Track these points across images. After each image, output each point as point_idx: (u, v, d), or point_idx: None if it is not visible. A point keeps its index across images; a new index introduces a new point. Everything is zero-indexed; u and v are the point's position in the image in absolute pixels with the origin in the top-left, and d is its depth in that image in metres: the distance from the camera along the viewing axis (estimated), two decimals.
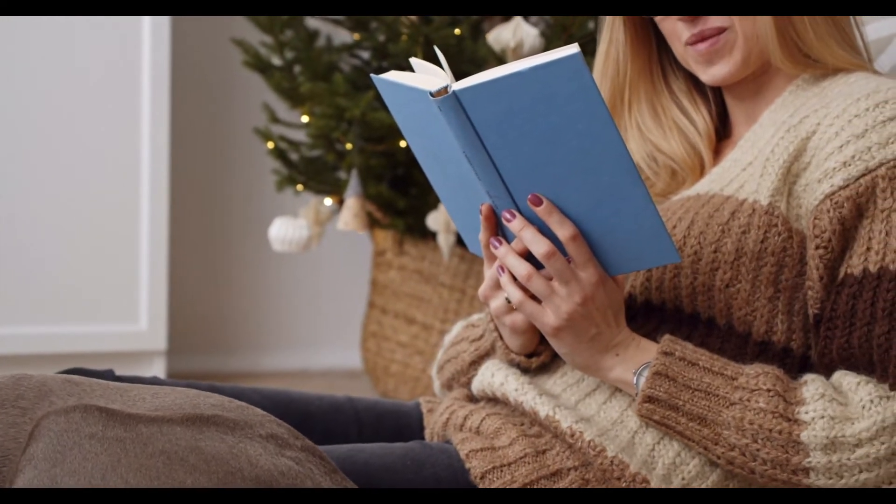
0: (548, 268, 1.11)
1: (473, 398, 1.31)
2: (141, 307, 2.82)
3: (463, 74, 1.13)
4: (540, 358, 1.25)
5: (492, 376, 1.25)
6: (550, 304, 1.12)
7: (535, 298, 1.14)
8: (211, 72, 3.25)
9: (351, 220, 2.57)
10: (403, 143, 2.61)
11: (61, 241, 2.76)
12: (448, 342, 1.41)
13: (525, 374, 1.24)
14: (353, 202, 2.58)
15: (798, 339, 1.17)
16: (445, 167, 1.15)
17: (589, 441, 1.14)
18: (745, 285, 1.16)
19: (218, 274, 3.31)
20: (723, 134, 1.35)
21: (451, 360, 1.37)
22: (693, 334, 1.18)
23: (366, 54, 2.85)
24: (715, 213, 1.18)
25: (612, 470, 1.13)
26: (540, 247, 1.10)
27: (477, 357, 1.33)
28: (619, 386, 1.16)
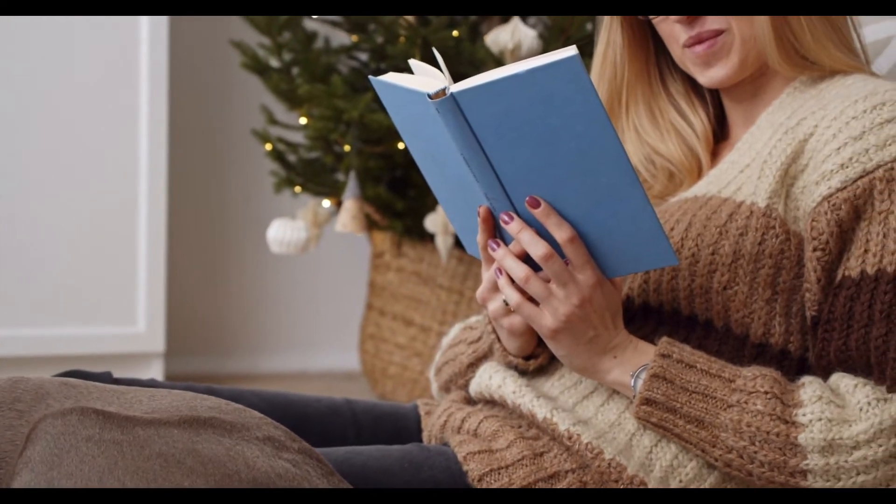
0: (546, 270, 1.11)
1: (471, 400, 1.31)
2: (139, 309, 2.82)
3: (461, 76, 1.13)
4: (538, 360, 1.25)
5: (489, 378, 1.25)
6: (548, 307, 1.12)
7: (533, 300, 1.14)
8: (209, 73, 3.25)
9: (349, 221, 2.57)
10: (402, 145, 2.60)
11: (59, 242, 2.76)
12: (446, 344, 1.41)
13: (523, 377, 1.24)
14: (351, 204, 2.58)
15: (796, 342, 1.17)
16: (443, 169, 1.15)
17: (587, 443, 1.14)
18: (743, 287, 1.16)
19: (216, 276, 3.31)
20: (720, 136, 1.35)
21: (449, 363, 1.37)
22: (691, 336, 1.18)
23: (364, 56, 2.85)
24: (712, 216, 1.18)
25: (609, 472, 1.13)
26: (538, 249, 1.10)
27: (475, 359, 1.33)
28: (616, 388, 1.16)
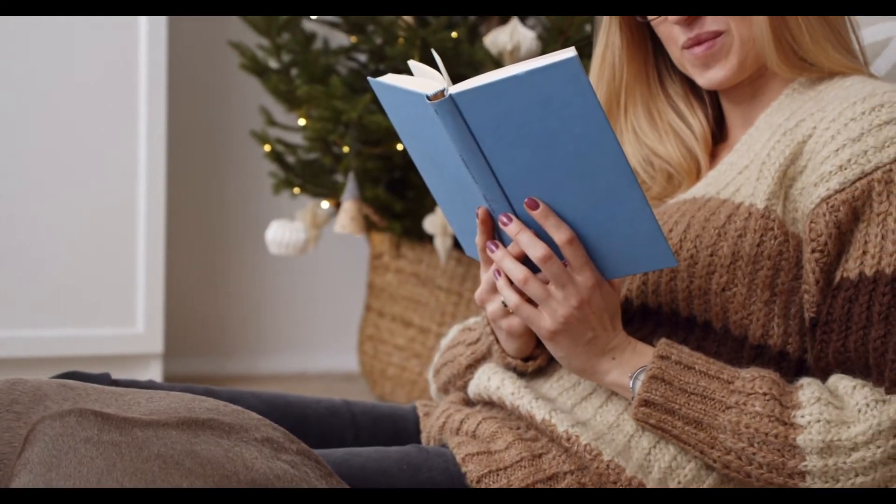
0: (544, 271, 1.11)
1: (470, 402, 1.31)
2: (138, 310, 2.82)
3: (460, 78, 1.13)
4: (536, 362, 1.25)
5: (488, 380, 1.25)
6: (547, 308, 1.12)
7: (532, 302, 1.14)
8: (208, 74, 3.25)
9: (348, 223, 2.57)
10: (400, 147, 2.61)
11: (58, 243, 2.75)
12: (444, 346, 1.41)
13: (521, 378, 1.24)
14: (349, 205, 2.58)
15: (794, 343, 1.17)
16: (442, 170, 1.15)
17: (585, 445, 1.14)
18: (742, 289, 1.16)
19: (215, 277, 3.30)
20: (719, 137, 1.35)
21: (448, 364, 1.37)
22: (689, 338, 1.18)
23: (363, 57, 2.85)
24: (711, 217, 1.18)
25: (608, 474, 1.13)
26: (536, 250, 1.10)
27: (473, 361, 1.33)
28: (615, 390, 1.16)
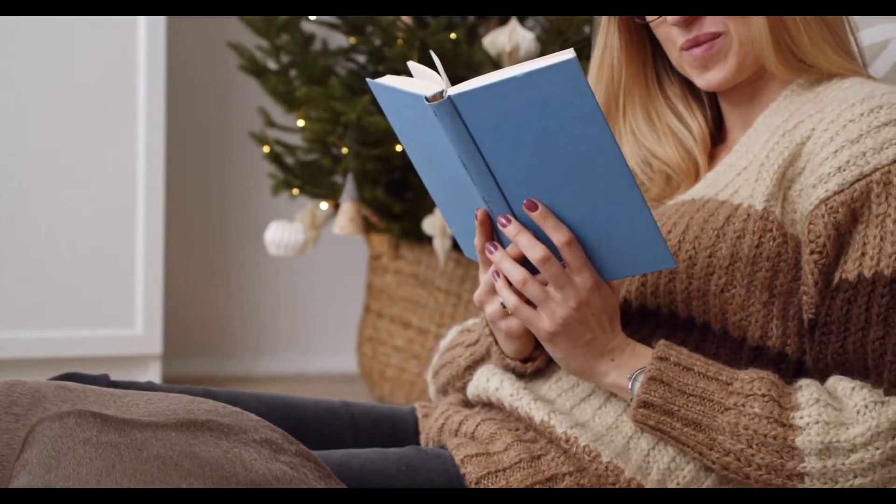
0: (543, 273, 1.11)
1: (469, 403, 1.31)
2: (137, 311, 2.82)
3: (459, 79, 1.13)
4: (535, 363, 1.25)
5: (487, 381, 1.25)
6: (545, 309, 1.12)
7: (531, 303, 1.14)
8: (207, 76, 3.25)
9: (347, 224, 2.57)
10: (399, 148, 2.61)
11: (57, 244, 2.75)
12: (443, 347, 1.41)
13: (520, 380, 1.24)
14: (348, 206, 2.58)
15: (793, 344, 1.17)
16: (441, 172, 1.15)
17: (584, 446, 1.14)
18: (740, 290, 1.16)
19: (214, 278, 3.30)
20: (717, 139, 1.35)
21: (447, 365, 1.37)
22: (688, 339, 1.18)
23: (362, 58, 2.85)
24: (710, 218, 1.18)
25: (606, 475, 1.13)
26: (535, 252, 1.10)
27: (472, 362, 1.33)
28: (613, 391, 1.16)
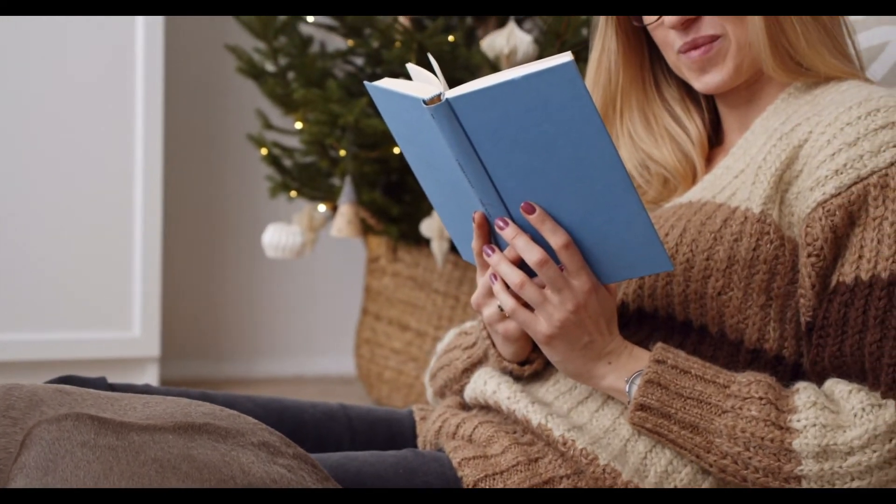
0: (540, 276, 1.11)
1: (466, 406, 1.31)
2: (134, 314, 2.81)
3: (457, 81, 1.13)
4: (532, 366, 1.25)
5: (484, 384, 1.25)
6: (543, 312, 1.12)
7: (528, 306, 1.14)
8: (205, 78, 3.25)
9: (345, 226, 2.57)
10: (397, 150, 2.61)
11: (54, 246, 2.75)
12: (441, 350, 1.41)
13: (517, 382, 1.24)
14: (346, 209, 2.58)
15: (790, 347, 1.17)
16: (439, 175, 1.15)
17: (581, 449, 1.14)
18: (737, 293, 1.16)
19: (211, 280, 3.30)
20: (715, 141, 1.35)
21: (444, 368, 1.37)
22: (685, 342, 1.18)
23: (359, 61, 2.85)
24: (707, 221, 1.18)
25: (604, 478, 1.13)
26: (532, 255, 1.10)
27: (469, 365, 1.33)
28: (611, 394, 1.16)
